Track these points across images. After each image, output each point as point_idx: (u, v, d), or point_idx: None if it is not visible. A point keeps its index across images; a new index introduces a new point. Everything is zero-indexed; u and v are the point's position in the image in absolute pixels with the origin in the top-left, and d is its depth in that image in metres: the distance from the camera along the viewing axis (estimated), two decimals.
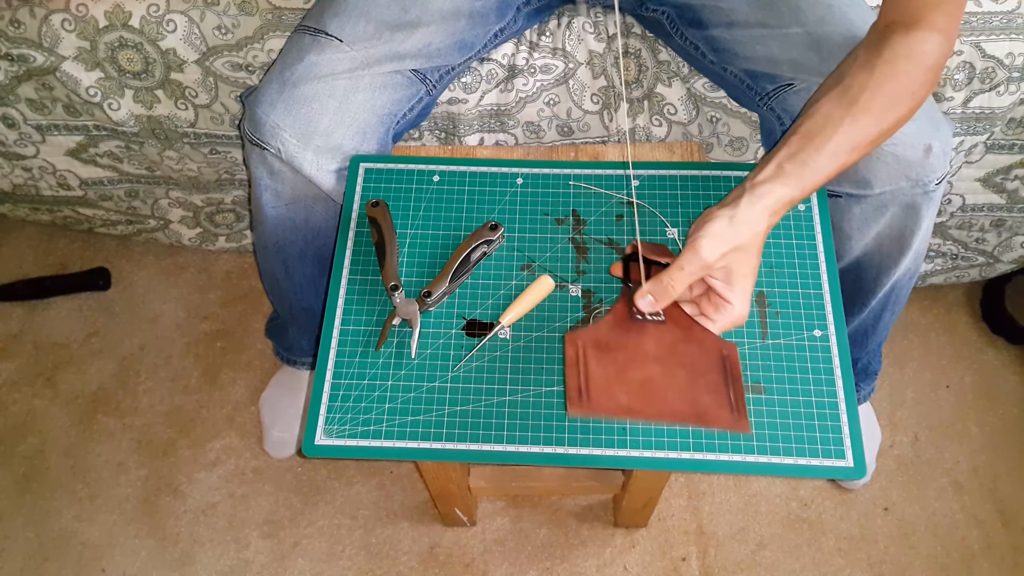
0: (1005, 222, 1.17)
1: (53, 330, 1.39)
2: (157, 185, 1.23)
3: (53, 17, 0.98)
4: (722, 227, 0.67)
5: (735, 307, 0.69)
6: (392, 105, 0.87)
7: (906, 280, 0.97)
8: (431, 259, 0.79)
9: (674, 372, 0.68)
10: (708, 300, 0.71)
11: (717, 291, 0.69)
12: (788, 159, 0.70)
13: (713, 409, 0.67)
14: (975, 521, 1.21)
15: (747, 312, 0.69)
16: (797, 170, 0.69)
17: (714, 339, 0.70)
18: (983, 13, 0.94)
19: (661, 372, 0.68)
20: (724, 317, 0.69)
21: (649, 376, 0.68)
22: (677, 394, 0.67)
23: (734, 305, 0.69)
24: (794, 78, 0.84)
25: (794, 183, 0.69)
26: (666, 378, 0.68)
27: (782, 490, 1.24)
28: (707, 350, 0.70)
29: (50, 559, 1.19)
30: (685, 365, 0.69)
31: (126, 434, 1.29)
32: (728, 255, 0.67)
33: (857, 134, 0.70)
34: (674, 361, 0.69)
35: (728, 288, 0.69)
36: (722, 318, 0.69)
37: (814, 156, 0.69)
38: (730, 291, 0.68)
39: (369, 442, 0.70)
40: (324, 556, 1.19)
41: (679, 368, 0.68)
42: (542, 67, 0.99)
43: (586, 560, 1.18)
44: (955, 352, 1.35)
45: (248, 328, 1.39)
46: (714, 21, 0.90)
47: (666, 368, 0.68)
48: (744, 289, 0.69)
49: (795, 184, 0.69)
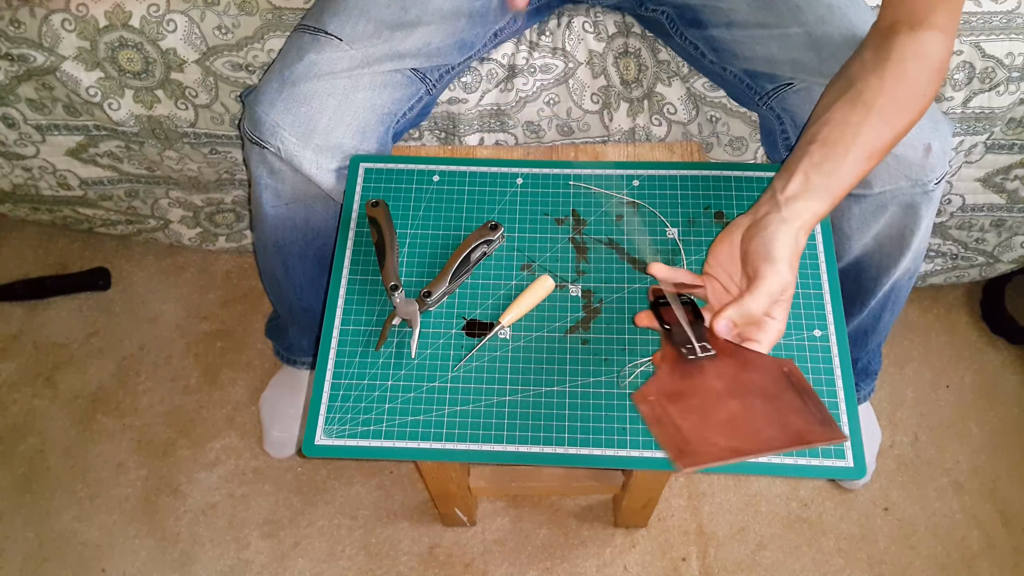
0: (1005, 222, 1.17)
1: (53, 330, 1.39)
2: (157, 185, 1.23)
3: (53, 17, 0.98)
4: (788, 243, 0.66)
5: (778, 321, 0.67)
6: (392, 104, 0.87)
7: (906, 280, 0.97)
8: (431, 259, 0.79)
9: (752, 403, 0.66)
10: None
11: None
12: (813, 169, 0.68)
13: (806, 428, 0.64)
14: (975, 521, 1.21)
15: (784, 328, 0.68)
16: (824, 181, 0.68)
17: (770, 360, 0.68)
18: (983, 13, 0.94)
19: (740, 407, 0.66)
20: (768, 334, 0.67)
21: (732, 414, 0.66)
22: (767, 423, 0.65)
23: (776, 320, 0.67)
24: (794, 78, 0.84)
25: (824, 195, 0.68)
26: (748, 411, 0.66)
27: (782, 490, 1.24)
28: (768, 372, 0.67)
29: (50, 559, 1.19)
30: (758, 394, 0.66)
31: (126, 434, 1.29)
32: (785, 280, 0.65)
33: (875, 140, 0.69)
34: (745, 392, 0.66)
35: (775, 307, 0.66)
36: (766, 336, 0.67)
37: (839, 165, 0.68)
38: (775, 308, 0.66)
39: (369, 442, 0.70)
40: (324, 556, 1.19)
41: (754, 398, 0.66)
42: (542, 67, 0.99)
43: (586, 560, 1.18)
44: (955, 352, 1.35)
45: (248, 328, 1.39)
46: (714, 21, 0.90)
47: (743, 401, 0.66)
48: (787, 303, 0.67)
49: (826, 197, 0.68)
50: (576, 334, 0.75)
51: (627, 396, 0.71)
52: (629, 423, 0.70)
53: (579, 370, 0.73)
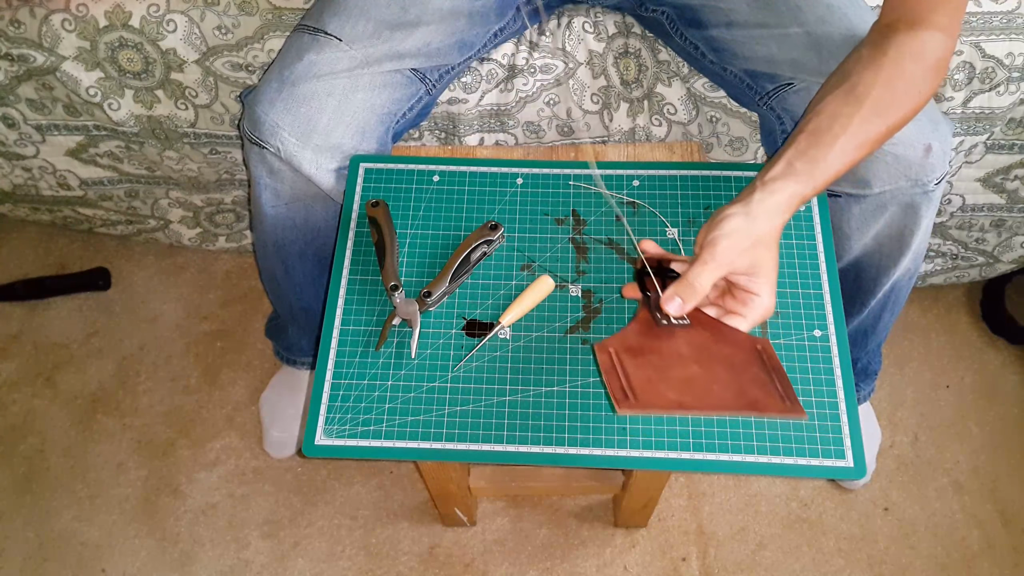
0: (1005, 222, 1.17)
1: (53, 330, 1.39)
2: (157, 185, 1.23)
3: (53, 17, 0.98)
4: (739, 223, 0.67)
5: (762, 298, 0.68)
6: (391, 104, 0.86)
7: (906, 280, 0.97)
8: (431, 259, 0.79)
9: (714, 369, 0.67)
10: (733, 298, 0.70)
11: (742, 286, 0.68)
12: (798, 156, 0.70)
13: (764, 399, 0.65)
14: (975, 521, 1.21)
15: (774, 304, 0.68)
16: (807, 167, 0.69)
17: (744, 336, 0.69)
18: (983, 13, 0.94)
19: (701, 371, 0.67)
20: (753, 311, 0.68)
21: (691, 375, 0.67)
22: (723, 387, 0.66)
23: (761, 296, 0.68)
24: (794, 78, 0.84)
25: (805, 180, 0.69)
26: (708, 374, 0.67)
27: (782, 490, 1.24)
28: (740, 347, 0.68)
29: (50, 559, 1.19)
30: (723, 362, 0.67)
31: (126, 434, 1.29)
32: (748, 250, 0.67)
33: (865, 132, 0.70)
34: (711, 359, 0.67)
35: (753, 280, 0.68)
36: (751, 312, 0.68)
37: (824, 153, 0.69)
38: (755, 283, 0.68)
39: (369, 442, 0.70)
40: (324, 556, 1.19)
41: (718, 365, 0.67)
42: (542, 67, 0.99)
43: (586, 560, 1.18)
44: (955, 352, 1.35)
45: (248, 328, 1.39)
46: (714, 21, 0.90)
47: (705, 367, 0.67)
48: (769, 280, 0.68)
49: (806, 181, 0.69)
50: (576, 334, 0.75)
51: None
52: (629, 423, 0.70)
53: (579, 370, 0.73)
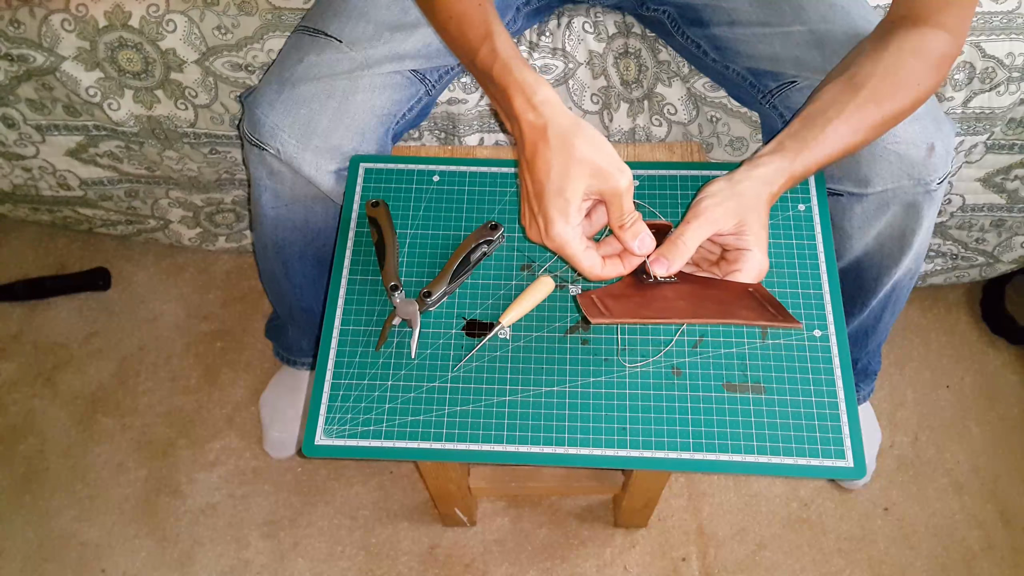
0: (1005, 222, 1.17)
1: (53, 330, 1.39)
2: (157, 185, 1.23)
3: (53, 17, 0.98)
4: (722, 185, 0.69)
5: (753, 252, 0.68)
6: (391, 105, 0.86)
7: (906, 280, 0.97)
8: (431, 259, 0.79)
9: (700, 303, 0.67)
10: (726, 261, 0.71)
11: (732, 245, 0.69)
12: (789, 136, 0.71)
13: (749, 310, 0.65)
14: (975, 521, 1.21)
15: (767, 263, 0.69)
16: (797, 145, 0.70)
17: (736, 283, 0.69)
18: (983, 13, 0.94)
19: (687, 305, 0.67)
20: (747, 264, 0.69)
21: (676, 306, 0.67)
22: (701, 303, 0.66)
23: (752, 251, 0.68)
24: (797, 76, 0.84)
25: (792, 156, 0.70)
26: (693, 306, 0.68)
27: (782, 490, 1.24)
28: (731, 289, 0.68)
29: (50, 559, 1.19)
30: (711, 299, 0.67)
31: (126, 434, 1.29)
32: (733, 210, 0.68)
33: (859, 118, 0.71)
34: (698, 299, 0.67)
35: (741, 238, 0.69)
36: (746, 265, 0.69)
37: (815, 134, 0.70)
38: (744, 240, 0.68)
39: (369, 442, 0.70)
40: (324, 556, 1.19)
41: (705, 300, 0.67)
42: (542, 67, 0.99)
43: (586, 560, 1.18)
44: (955, 352, 1.35)
45: (248, 328, 1.39)
46: (716, 20, 0.90)
47: (691, 302, 0.67)
48: (759, 237, 0.68)
49: (793, 157, 0.70)
50: (576, 334, 0.75)
51: (626, 396, 0.71)
52: (629, 423, 0.70)
53: (579, 370, 0.73)
